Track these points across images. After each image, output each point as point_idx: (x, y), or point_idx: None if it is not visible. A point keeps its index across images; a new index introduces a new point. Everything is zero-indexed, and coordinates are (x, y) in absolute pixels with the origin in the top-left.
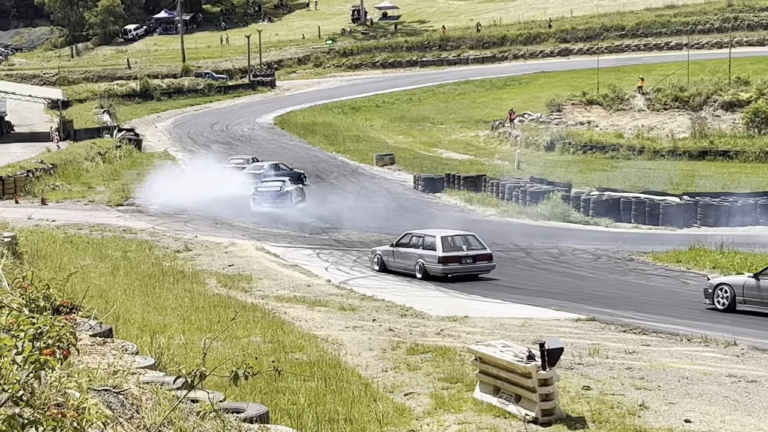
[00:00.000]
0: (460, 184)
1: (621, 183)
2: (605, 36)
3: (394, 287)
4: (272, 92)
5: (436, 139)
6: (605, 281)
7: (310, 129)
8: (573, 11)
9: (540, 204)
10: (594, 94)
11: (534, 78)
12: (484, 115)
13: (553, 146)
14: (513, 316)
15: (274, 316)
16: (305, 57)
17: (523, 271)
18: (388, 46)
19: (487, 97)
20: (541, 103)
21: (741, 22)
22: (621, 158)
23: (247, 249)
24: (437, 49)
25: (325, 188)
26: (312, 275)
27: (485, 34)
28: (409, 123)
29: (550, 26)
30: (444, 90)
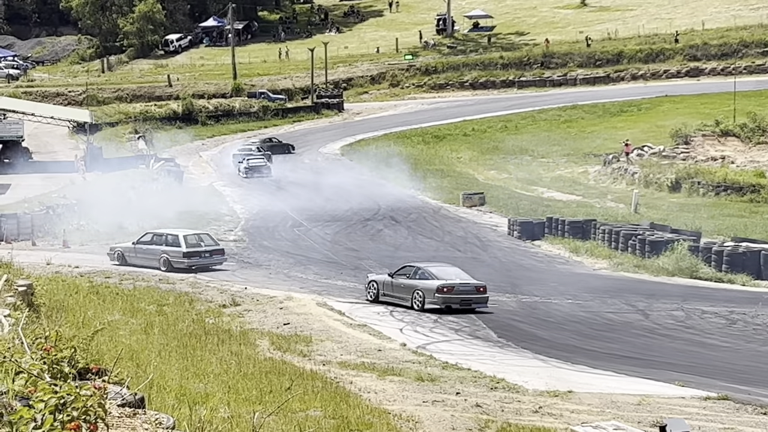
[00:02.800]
0: (565, 230)
1: (762, 232)
2: (744, 53)
3: (483, 353)
4: (339, 116)
5: (535, 176)
6: (741, 352)
7: (384, 161)
8: (705, 23)
9: (662, 256)
10: (730, 123)
11: (656, 103)
12: (594, 147)
13: (678, 186)
14: (627, 392)
15: (337, 387)
16: (380, 75)
17: (639, 337)
18: (480, 63)
19: (598, 125)
20: (665, 134)
21: None
22: (762, 202)
23: (307, 304)
24: (539, 67)
25: (401, 232)
26: (384, 337)
27: (597, 49)
28: (503, 156)
29: (677, 41)
30: (546, 116)
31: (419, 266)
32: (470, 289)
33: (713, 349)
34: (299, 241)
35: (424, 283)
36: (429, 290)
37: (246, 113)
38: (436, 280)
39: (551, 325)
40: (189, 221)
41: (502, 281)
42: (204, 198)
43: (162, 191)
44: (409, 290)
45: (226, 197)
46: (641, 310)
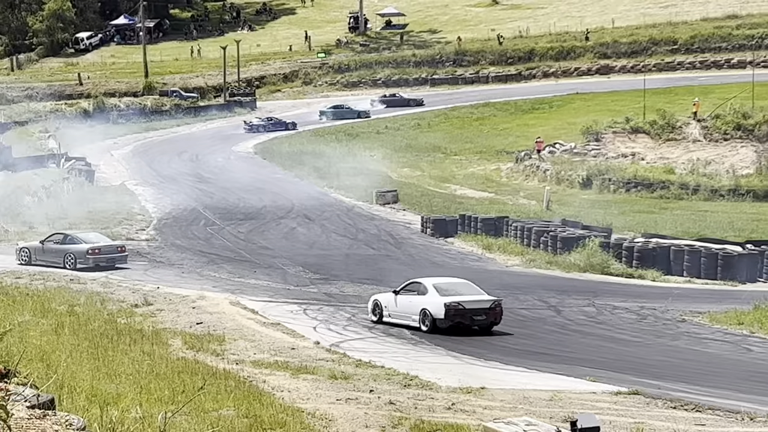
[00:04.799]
0: (478, 227)
1: (671, 228)
2: (653, 51)
3: (396, 351)
4: (252, 115)
5: (448, 173)
6: (651, 347)
7: (297, 159)
8: (615, 21)
9: (574, 252)
10: (639, 120)
11: (567, 101)
12: (506, 144)
13: (589, 183)
14: (540, 387)
15: (250, 386)
16: (292, 73)
17: (552, 333)
18: (393, 61)
19: (510, 123)
20: (576, 131)
21: None
22: (672, 198)
23: (220, 303)
24: (451, 65)
25: (314, 230)
26: (297, 336)
27: (509, 47)
28: (416, 153)
29: (588, 39)
30: (459, 114)
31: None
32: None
33: (624, 344)
34: (212, 239)
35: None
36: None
37: (158, 111)
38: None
39: None
40: (100, 220)
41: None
42: (116, 197)
43: (73, 190)
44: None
45: (138, 196)
46: (553, 306)
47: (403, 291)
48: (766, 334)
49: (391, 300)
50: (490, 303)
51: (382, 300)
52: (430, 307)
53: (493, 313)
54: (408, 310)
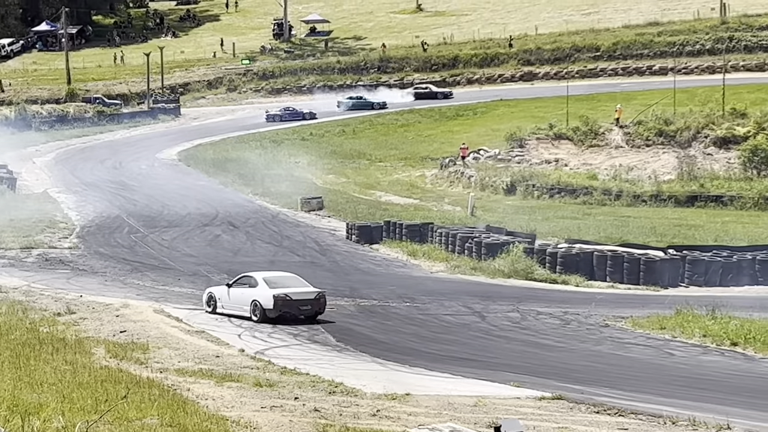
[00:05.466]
0: (402, 233)
1: (594, 233)
2: (576, 58)
3: (321, 358)
4: (176, 122)
5: (373, 180)
6: (575, 352)
7: (221, 166)
8: (538, 28)
9: (498, 258)
10: (563, 126)
11: (492, 107)
12: (431, 151)
13: (513, 189)
14: (464, 393)
15: (174, 394)
16: (217, 80)
17: (476, 339)
18: (317, 68)
19: (435, 129)
20: (500, 138)
21: (737, 43)
22: (595, 204)
23: (144, 311)
24: (376, 72)
25: (239, 237)
26: (222, 344)
27: (433, 53)
28: (341, 160)
29: (511, 45)
30: (384, 121)
31: None
32: None
33: (548, 350)
34: (136, 247)
35: None
36: None
37: (81, 119)
38: None
39: (389, 328)
40: (23, 229)
41: (341, 285)
42: (38, 205)
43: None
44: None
45: (61, 204)
46: (478, 312)
47: (236, 284)
48: (687, 339)
49: (224, 292)
50: (315, 294)
51: (216, 292)
52: (260, 298)
53: (318, 303)
54: (240, 301)
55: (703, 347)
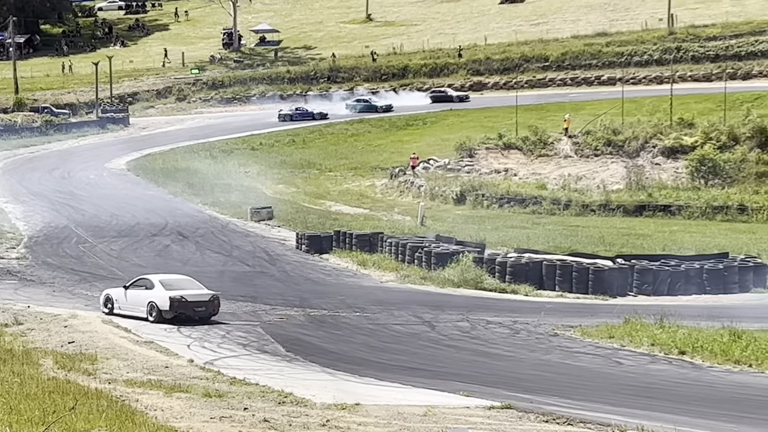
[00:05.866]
0: (352, 243)
1: (544, 243)
2: (526, 68)
3: (271, 368)
4: (125, 131)
5: (323, 190)
6: (524, 361)
7: (171, 176)
8: (487, 38)
9: (447, 268)
10: (512, 136)
11: (441, 117)
12: (381, 160)
13: (463, 198)
14: (414, 403)
15: (122, 405)
16: (166, 89)
17: (426, 348)
18: (267, 77)
19: (385, 139)
20: (450, 147)
21: (684, 54)
22: (544, 213)
23: (92, 322)
24: (326, 81)
25: (188, 247)
26: (171, 354)
27: (383, 63)
28: (291, 170)
29: (461, 55)
30: (333, 130)
31: None
32: None
33: (497, 359)
34: (84, 257)
35: None
36: None
37: (29, 128)
38: None
39: (339, 338)
40: None
41: (291, 295)
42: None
43: None
44: None
45: (9, 214)
46: (428, 322)
47: (133, 286)
48: (636, 348)
49: (121, 294)
50: (209, 296)
51: (114, 294)
52: (157, 300)
53: (212, 305)
54: (137, 302)
55: (651, 356)
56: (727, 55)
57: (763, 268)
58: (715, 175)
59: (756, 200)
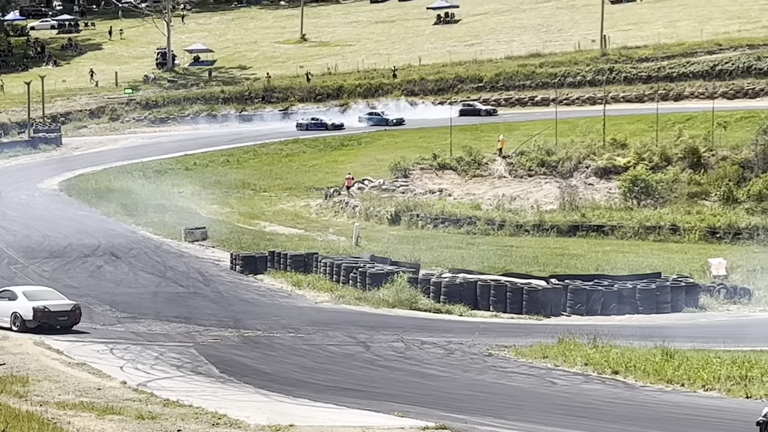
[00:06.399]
0: (287, 264)
1: (478, 263)
2: (460, 88)
3: (205, 389)
4: (58, 151)
5: (258, 210)
6: (459, 381)
7: (104, 196)
8: (422, 58)
9: (382, 288)
10: (446, 157)
11: (376, 137)
12: (316, 180)
13: (398, 219)
14: (348, 424)
15: (54, 427)
16: (99, 109)
17: (361, 369)
18: (201, 97)
19: (319, 159)
20: (385, 168)
21: (617, 75)
22: (478, 233)
23: (23, 344)
24: (261, 101)
25: (121, 268)
26: (104, 376)
27: (318, 83)
28: (225, 190)
29: (395, 76)
30: (268, 150)
31: None
32: None
33: (432, 379)
34: (16, 279)
35: None
36: None
37: None
38: None
39: (274, 359)
40: None
41: (225, 316)
42: None
43: None
44: None
45: None
46: (362, 342)
47: None
48: (569, 367)
49: None
50: (71, 306)
51: None
52: (20, 310)
53: (74, 315)
54: (1, 313)
55: (584, 376)
56: (659, 76)
57: (695, 288)
58: (647, 196)
59: (688, 220)
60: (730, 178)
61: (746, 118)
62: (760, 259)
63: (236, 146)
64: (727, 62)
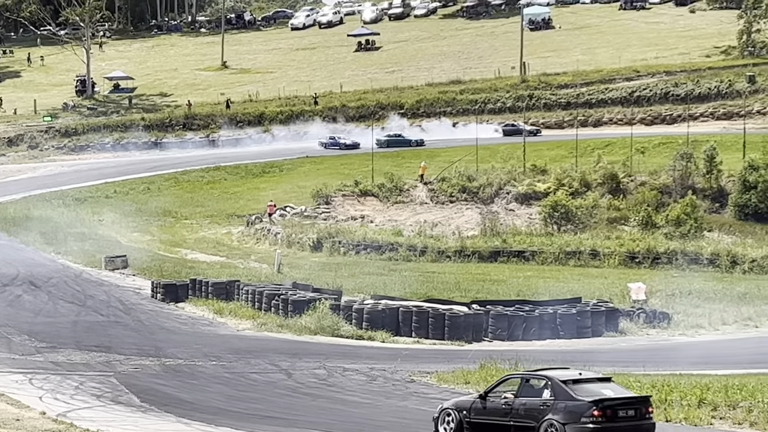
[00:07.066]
0: (209, 291)
1: (400, 289)
2: (381, 115)
3: (125, 419)
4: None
5: (179, 238)
6: (381, 408)
7: (23, 225)
8: (343, 85)
9: (304, 315)
10: (368, 183)
11: (298, 164)
12: (237, 208)
13: (320, 246)
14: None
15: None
16: (17, 137)
17: (283, 396)
18: (121, 125)
19: (241, 186)
20: (307, 195)
21: (537, 101)
22: (400, 260)
23: None
24: (181, 129)
25: (41, 297)
26: (22, 407)
27: (239, 110)
28: (146, 218)
29: (317, 102)
30: (189, 178)
31: None
32: None
33: (354, 406)
34: None
35: None
36: None
37: None
38: None
39: (195, 387)
40: None
41: (146, 344)
42: None
43: None
44: None
45: None
46: (285, 370)
47: None
48: None
49: None
50: None
51: None
52: None
53: None
54: None
55: None
56: (578, 102)
57: (615, 313)
58: (567, 221)
59: (607, 245)
60: (648, 203)
61: (664, 144)
62: (679, 283)
63: (157, 174)
64: (645, 89)
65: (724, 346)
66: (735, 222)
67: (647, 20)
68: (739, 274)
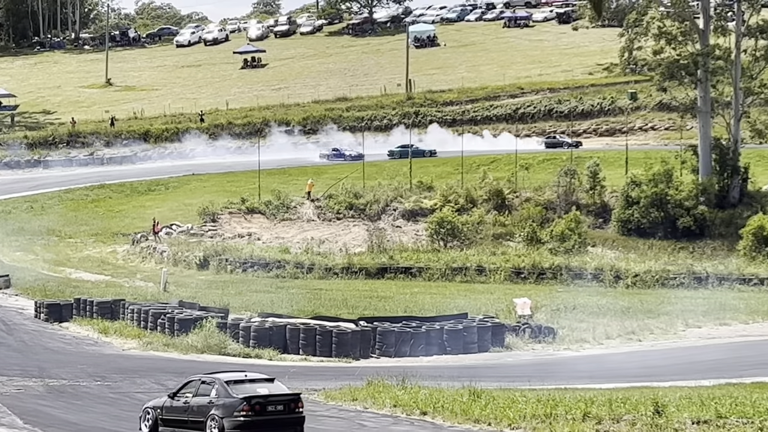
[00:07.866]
0: (94, 311)
1: (288, 307)
2: (267, 132)
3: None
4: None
5: (63, 257)
6: None
7: None
8: (229, 103)
9: (191, 334)
10: (255, 201)
11: (184, 181)
12: (123, 226)
13: (206, 264)
14: None
15: None
16: None
17: None
18: (3, 143)
19: (126, 204)
20: (193, 212)
21: (423, 118)
22: (287, 277)
23: None
24: (65, 146)
25: None
26: None
27: (123, 128)
28: (29, 237)
29: (203, 120)
30: (74, 196)
31: None
32: None
33: None
34: None
35: None
36: None
37: None
38: None
39: (80, 408)
40: None
41: (29, 365)
42: None
43: None
44: None
45: None
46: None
47: None
48: (378, 409)
49: None
50: None
51: None
52: None
53: None
54: None
55: (393, 417)
56: (463, 119)
57: (501, 328)
58: (453, 237)
59: (493, 261)
60: (533, 219)
61: (548, 160)
62: (564, 298)
63: (41, 192)
64: (529, 105)
65: (609, 360)
66: (618, 237)
67: (531, 38)
68: (623, 289)
